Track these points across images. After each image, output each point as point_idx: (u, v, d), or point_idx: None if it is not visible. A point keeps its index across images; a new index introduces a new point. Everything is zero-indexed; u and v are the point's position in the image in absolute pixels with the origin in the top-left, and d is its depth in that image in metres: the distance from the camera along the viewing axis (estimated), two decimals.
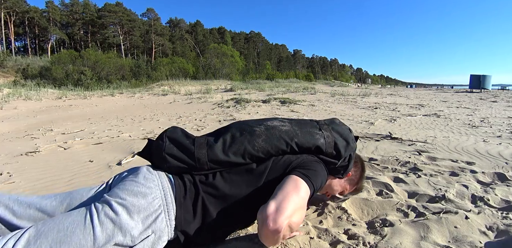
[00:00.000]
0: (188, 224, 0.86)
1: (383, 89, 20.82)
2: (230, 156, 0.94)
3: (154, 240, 0.79)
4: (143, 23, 51.60)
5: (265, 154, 0.98)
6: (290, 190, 0.85)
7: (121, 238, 0.73)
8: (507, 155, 2.32)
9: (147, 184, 0.84)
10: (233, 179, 0.94)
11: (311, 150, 1.04)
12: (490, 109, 6.34)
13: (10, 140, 3.37)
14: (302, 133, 1.03)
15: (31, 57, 35.44)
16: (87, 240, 0.71)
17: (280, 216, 0.78)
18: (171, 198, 0.84)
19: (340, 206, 1.33)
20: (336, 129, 1.11)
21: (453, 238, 1.08)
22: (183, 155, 0.92)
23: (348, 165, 1.14)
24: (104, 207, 0.76)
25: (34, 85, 14.58)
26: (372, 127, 3.89)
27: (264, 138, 0.98)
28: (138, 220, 0.77)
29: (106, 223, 0.73)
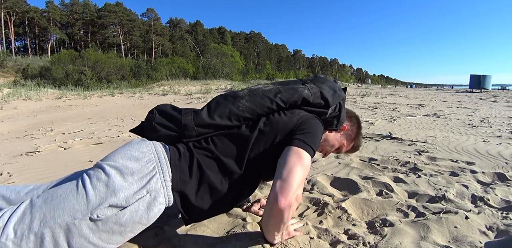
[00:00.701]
0: (185, 184, 0.85)
1: (383, 89, 20.82)
2: (215, 119, 0.95)
3: (150, 201, 0.78)
4: (143, 23, 51.61)
5: (251, 113, 0.98)
6: (294, 164, 0.85)
7: (114, 199, 0.73)
8: (507, 155, 2.32)
9: (140, 148, 0.84)
10: (225, 142, 0.95)
11: (297, 103, 1.03)
12: (490, 109, 6.34)
13: (10, 140, 3.37)
14: (285, 89, 1.02)
15: (31, 57, 35.45)
16: (80, 204, 0.71)
17: (289, 192, 0.81)
18: (165, 160, 0.85)
19: (340, 206, 1.33)
20: (320, 80, 1.10)
21: (453, 238, 1.08)
22: (171, 124, 0.94)
23: (340, 114, 1.11)
24: (96, 172, 0.77)
25: (34, 85, 14.58)
26: (372, 127, 3.89)
27: (248, 98, 0.99)
28: (132, 182, 0.77)
29: (99, 186, 0.73)
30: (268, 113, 1.01)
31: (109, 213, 0.73)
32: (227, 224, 1.18)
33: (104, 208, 0.72)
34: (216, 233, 1.10)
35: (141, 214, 0.77)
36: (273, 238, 0.96)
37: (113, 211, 0.73)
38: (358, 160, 2.25)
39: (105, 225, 0.73)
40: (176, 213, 1.28)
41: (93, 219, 0.71)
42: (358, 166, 2.08)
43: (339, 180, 1.75)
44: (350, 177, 1.77)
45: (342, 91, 1.13)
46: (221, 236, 1.07)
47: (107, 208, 0.72)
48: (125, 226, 0.75)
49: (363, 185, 1.62)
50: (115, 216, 0.73)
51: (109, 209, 0.73)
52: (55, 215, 0.69)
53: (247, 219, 1.20)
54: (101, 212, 0.72)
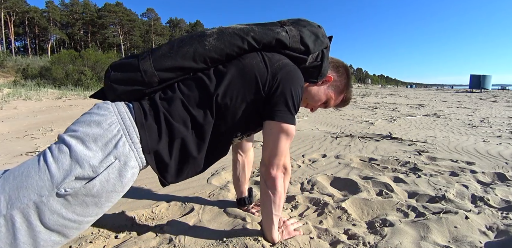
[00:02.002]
0: (156, 143, 0.78)
1: (383, 89, 20.82)
2: (178, 61, 0.83)
3: (120, 167, 0.72)
4: (143, 23, 51.64)
5: (219, 53, 0.86)
6: (279, 137, 0.89)
7: (79, 170, 0.67)
8: (507, 155, 2.32)
9: (100, 112, 0.76)
10: (192, 88, 0.84)
11: (272, 45, 0.90)
12: (490, 109, 6.34)
13: (10, 140, 3.37)
14: (260, 28, 0.90)
15: (31, 57, 35.47)
16: (43, 180, 0.66)
17: (277, 162, 0.91)
18: (130, 121, 0.76)
19: (340, 206, 1.33)
20: (302, 23, 0.96)
21: (453, 238, 1.08)
22: (128, 74, 0.83)
23: (322, 64, 0.98)
24: (57, 145, 0.70)
25: (34, 85, 14.57)
26: (372, 127, 3.89)
27: (215, 37, 0.86)
28: (96, 149, 0.70)
29: (61, 159, 0.67)
30: (239, 54, 0.89)
31: (77, 186, 0.67)
32: (227, 224, 1.18)
33: (70, 182, 0.66)
34: (216, 233, 1.10)
35: (114, 182, 0.71)
36: (272, 223, 0.98)
37: (81, 183, 0.68)
38: (358, 160, 2.25)
39: (76, 199, 0.68)
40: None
41: (61, 194, 0.66)
42: (358, 166, 2.08)
43: (339, 180, 1.75)
44: (350, 177, 1.77)
45: (327, 38, 0.99)
46: (221, 236, 1.07)
47: (74, 181, 0.67)
48: (99, 196, 0.70)
49: (363, 185, 1.62)
50: (84, 188, 0.68)
51: (77, 182, 0.67)
52: (20, 195, 0.64)
53: (247, 219, 1.20)
54: (68, 186, 0.66)
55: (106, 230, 1.16)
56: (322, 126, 4.19)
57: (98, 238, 1.08)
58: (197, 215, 1.27)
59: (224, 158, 1.40)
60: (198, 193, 1.57)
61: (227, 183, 1.74)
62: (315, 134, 3.41)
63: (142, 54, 0.86)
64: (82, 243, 1.04)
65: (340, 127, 4.04)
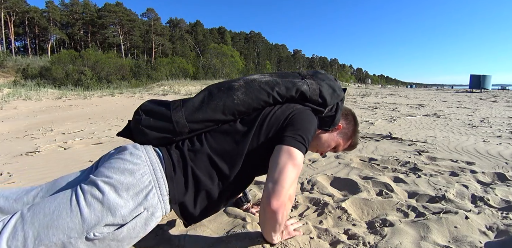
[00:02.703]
0: (183, 195, 0.83)
1: (383, 89, 20.83)
2: (209, 113, 0.89)
3: (147, 217, 0.76)
4: (143, 23, 51.60)
5: (246, 107, 0.93)
6: (285, 163, 0.83)
7: (111, 218, 0.71)
8: (507, 155, 2.32)
9: (133, 160, 0.80)
10: (220, 140, 0.90)
11: (294, 98, 0.99)
12: (490, 109, 6.34)
13: (10, 140, 3.37)
14: (284, 82, 0.97)
15: (31, 57, 35.48)
16: (74, 222, 0.68)
17: (281, 193, 0.80)
18: (161, 173, 0.81)
19: (340, 206, 1.33)
20: (320, 77, 1.04)
21: (453, 238, 1.08)
22: (160, 122, 0.88)
23: (335, 115, 1.07)
24: (90, 188, 0.73)
25: (34, 85, 14.57)
26: (372, 127, 3.89)
27: (243, 91, 0.92)
28: (128, 198, 0.73)
29: (94, 204, 0.70)
30: (264, 106, 0.97)
31: (106, 231, 0.71)
32: (227, 224, 1.18)
33: (100, 227, 0.70)
34: (216, 233, 1.10)
35: (139, 230, 0.76)
36: (272, 239, 0.96)
37: (110, 229, 0.71)
38: (358, 160, 2.25)
39: (102, 242, 0.72)
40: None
41: (90, 238, 0.69)
42: (358, 166, 2.08)
43: (339, 180, 1.75)
44: (350, 177, 1.77)
45: (342, 90, 1.09)
46: (221, 236, 1.07)
47: (103, 227, 0.71)
48: (122, 241, 0.74)
49: (363, 185, 1.62)
50: (112, 234, 0.72)
51: (106, 228, 0.71)
52: (49, 234, 0.67)
53: (247, 219, 1.20)
54: (98, 231, 0.70)
55: None
56: None
57: None
58: None
59: None
60: None
61: None
62: None
63: (174, 103, 0.92)
64: None
65: None
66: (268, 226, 0.90)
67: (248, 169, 0.91)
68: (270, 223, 0.88)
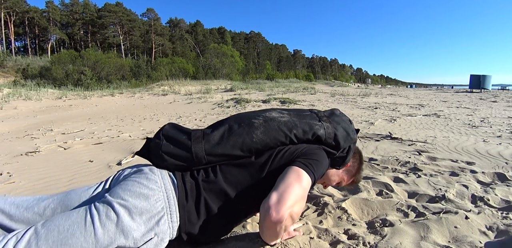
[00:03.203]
0: (193, 225, 0.86)
1: (383, 89, 20.84)
2: (227, 149, 0.93)
3: (157, 242, 0.79)
4: (143, 23, 51.59)
5: (263, 146, 0.96)
6: (292, 181, 0.85)
7: (123, 240, 0.73)
8: (507, 155, 2.32)
9: (149, 185, 0.83)
10: (234, 173, 0.93)
11: (310, 140, 1.03)
12: (490, 109, 6.34)
13: (10, 140, 3.37)
14: (301, 123, 1.01)
15: (31, 57, 35.46)
16: (88, 242, 0.70)
17: (282, 206, 0.79)
18: (173, 200, 0.84)
19: (340, 206, 1.33)
20: (336, 120, 1.09)
21: (453, 238, 1.08)
22: (180, 151, 0.91)
23: (347, 156, 1.12)
24: (105, 208, 0.76)
25: (34, 85, 14.57)
26: (372, 127, 3.89)
27: (262, 130, 0.96)
28: (141, 222, 0.76)
29: (108, 225, 0.73)
30: (279, 146, 1.00)
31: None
32: None
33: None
34: None
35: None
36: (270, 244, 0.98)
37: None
38: None
39: None
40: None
41: None
42: None
43: None
44: None
45: (355, 133, 1.14)
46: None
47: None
48: None
49: (363, 185, 1.62)
50: None
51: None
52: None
53: (247, 219, 1.20)
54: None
55: None
56: None
57: None
58: None
59: None
60: None
61: None
62: None
63: (195, 134, 0.95)
64: None
65: None
66: (266, 235, 0.91)
67: (257, 201, 0.91)
68: (267, 233, 0.88)
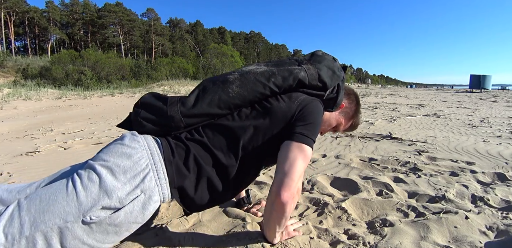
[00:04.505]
0: (183, 179, 0.83)
1: (383, 89, 20.84)
2: (204, 108, 0.89)
3: (145, 200, 0.75)
4: (143, 23, 51.61)
5: (242, 100, 0.91)
6: (295, 157, 0.85)
7: (107, 201, 0.70)
8: (507, 155, 2.32)
9: (131, 144, 0.80)
10: (216, 134, 0.90)
11: (292, 87, 0.96)
12: (490, 109, 6.34)
13: (10, 140, 3.37)
14: (280, 71, 0.94)
15: (31, 57, 35.47)
16: (71, 206, 0.68)
17: (290, 187, 0.82)
18: (158, 157, 0.80)
19: (340, 206, 1.33)
20: (318, 60, 1.01)
21: (453, 238, 1.08)
22: (157, 116, 0.89)
23: (337, 96, 1.05)
24: (86, 172, 0.73)
25: (34, 85, 14.57)
26: (372, 127, 3.89)
27: (238, 84, 0.91)
28: (125, 181, 0.73)
29: (90, 187, 0.70)
30: (261, 98, 0.94)
31: (103, 215, 0.70)
32: (227, 224, 1.18)
33: (97, 210, 0.70)
34: (216, 233, 1.10)
35: (136, 214, 0.75)
36: (274, 235, 0.96)
37: (106, 213, 0.71)
38: (358, 160, 2.25)
39: (99, 227, 0.71)
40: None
41: (86, 221, 0.69)
42: (358, 166, 2.08)
43: (339, 180, 1.75)
44: (350, 177, 1.77)
45: (342, 71, 1.05)
46: (221, 236, 1.07)
47: (100, 210, 0.70)
48: (120, 226, 0.74)
49: (363, 185, 1.62)
50: (109, 218, 0.71)
51: (103, 211, 0.70)
52: (46, 219, 0.67)
53: (247, 219, 1.20)
54: (94, 214, 0.69)
55: None
56: None
57: None
58: (197, 215, 1.27)
59: None
60: None
61: None
62: None
63: (171, 99, 0.92)
64: None
65: None
66: (274, 220, 0.89)
67: (249, 163, 0.90)
68: (276, 216, 0.88)
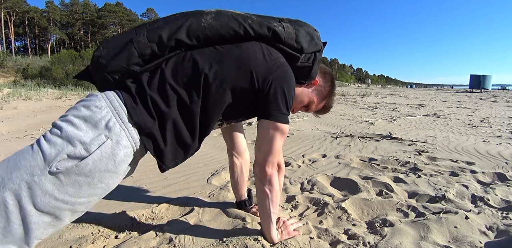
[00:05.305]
0: (150, 124, 0.78)
1: (383, 89, 20.84)
2: (172, 31, 0.82)
3: (113, 146, 0.72)
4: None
5: (212, 32, 0.85)
6: (272, 135, 0.91)
7: (71, 148, 0.68)
8: (507, 155, 2.32)
9: (89, 98, 0.78)
10: (181, 65, 0.84)
11: (267, 36, 0.91)
12: (490, 109, 6.34)
13: (10, 140, 3.37)
14: (258, 18, 0.91)
15: (31, 57, 35.45)
16: (36, 160, 0.66)
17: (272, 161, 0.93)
18: (118, 103, 0.77)
19: (340, 206, 1.33)
20: (299, 23, 0.98)
21: (453, 238, 1.08)
22: (121, 46, 0.82)
23: (312, 66, 1.00)
24: (49, 130, 0.72)
25: (34, 85, 14.56)
26: (372, 127, 3.89)
27: (213, 16, 0.86)
28: (87, 129, 0.71)
29: (53, 139, 0.69)
30: (234, 38, 0.88)
31: (69, 164, 0.67)
32: (227, 224, 1.18)
33: (63, 160, 0.67)
34: (216, 233, 1.10)
35: (106, 161, 0.71)
36: (270, 219, 0.99)
37: (74, 162, 0.68)
38: (358, 160, 2.25)
39: (69, 178, 0.68)
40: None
41: (53, 172, 0.66)
42: (358, 166, 2.08)
43: (339, 180, 1.75)
44: (350, 177, 1.77)
45: (321, 42, 1.02)
46: (221, 236, 1.07)
47: (66, 160, 0.67)
48: (92, 176, 0.70)
49: (363, 185, 1.62)
50: (77, 167, 0.68)
51: (69, 161, 0.67)
52: (13, 176, 0.65)
53: (247, 219, 1.20)
54: (60, 164, 0.66)
55: (106, 230, 1.16)
56: (322, 126, 4.19)
57: (98, 238, 1.08)
58: (197, 215, 1.27)
59: (224, 158, 1.40)
60: (198, 193, 1.57)
61: (227, 183, 1.74)
62: (315, 134, 3.41)
63: (140, 26, 0.86)
64: (82, 243, 1.04)
65: (340, 127, 4.04)
66: (266, 197, 0.96)
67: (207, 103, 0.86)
68: (267, 193, 0.95)
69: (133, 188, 1.67)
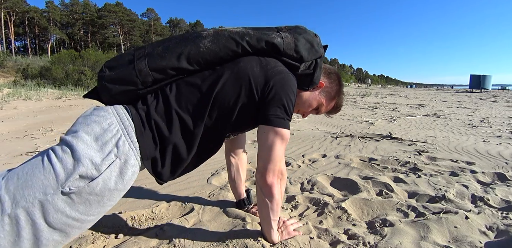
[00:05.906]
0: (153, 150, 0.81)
1: (383, 89, 20.85)
2: (172, 61, 0.84)
3: (121, 165, 0.74)
4: (143, 23, 51.65)
5: (213, 56, 0.87)
6: (273, 142, 0.88)
7: (83, 168, 0.69)
8: (507, 155, 2.32)
9: (99, 113, 0.78)
10: (184, 91, 0.86)
11: (265, 50, 0.92)
12: (490, 109, 6.34)
13: (10, 140, 3.37)
14: (257, 33, 0.91)
15: (31, 57, 35.45)
16: (49, 179, 0.67)
17: (274, 169, 0.89)
18: (128, 121, 0.79)
19: (340, 206, 1.33)
20: (298, 31, 0.97)
21: (453, 238, 1.08)
22: (123, 74, 0.83)
23: (314, 73, 1.00)
24: (60, 146, 0.72)
25: (34, 85, 14.55)
26: (372, 127, 3.89)
27: (211, 39, 0.87)
28: (97, 148, 0.72)
29: (65, 158, 0.69)
30: (234, 57, 0.90)
31: (81, 184, 0.69)
32: (227, 224, 1.18)
33: (75, 180, 0.68)
34: (216, 233, 1.10)
35: (115, 180, 0.73)
36: (270, 226, 0.98)
37: (85, 182, 0.69)
38: (358, 160, 2.25)
39: (80, 197, 0.69)
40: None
41: (65, 192, 0.67)
42: (358, 166, 2.08)
43: (339, 180, 1.75)
44: (350, 177, 1.77)
45: (321, 47, 1.01)
46: (221, 236, 1.07)
47: (78, 180, 0.69)
48: (102, 195, 0.72)
49: (363, 185, 1.62)
50: (88, 187, 0.70)
51: (81, 181, 0.69)
52: (25, 194, 0.66)
53: (247, 219, 1.20)
54: (73, 184, 0.68)
55: (106, 230, 1.16)
56: (322, 126, 4.20)
57: (98, 238, 1.08)
58: (197, 215, 1.27)
59: (224, 159, 1.40)
60: (198, 193, 1.57)
61: (227, 183, 1.74)
62: (315, 134, 3.41)
63: (138, 52, 0.87)
64: (82, 243, 1.04)
65: (340, 127, 4.05)
66: (267, 205, 0.93)
67: (215, 123, 0.88)
68: (268, 201, 0.93)
69: (133, 188, 1.67)
